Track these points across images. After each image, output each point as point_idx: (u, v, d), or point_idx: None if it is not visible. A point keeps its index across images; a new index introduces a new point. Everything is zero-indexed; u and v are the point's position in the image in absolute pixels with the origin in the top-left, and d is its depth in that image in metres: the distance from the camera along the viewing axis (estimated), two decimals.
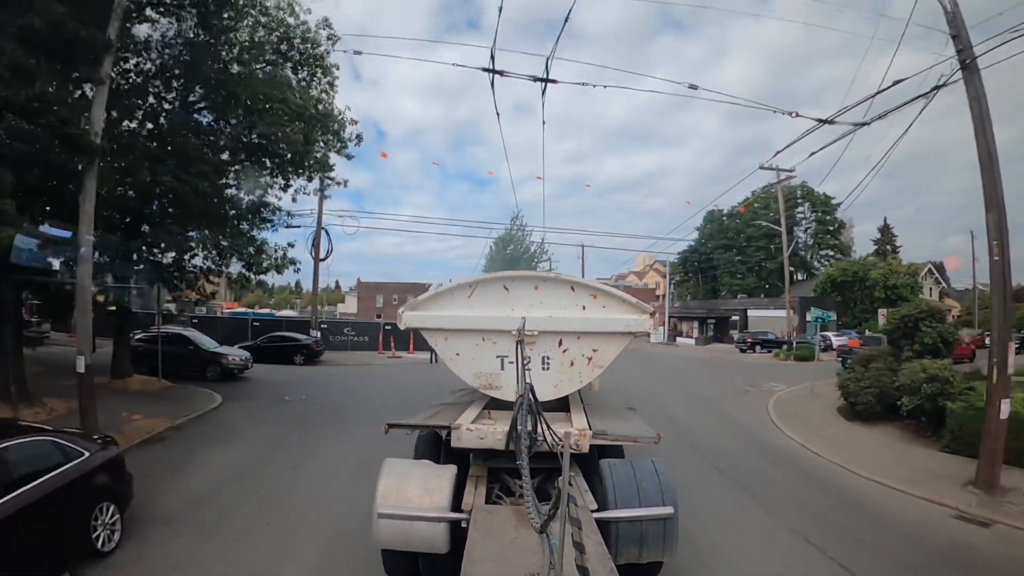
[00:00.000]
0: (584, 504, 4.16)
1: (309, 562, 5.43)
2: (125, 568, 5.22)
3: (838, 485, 8.42)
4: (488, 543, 3.56)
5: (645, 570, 4.51)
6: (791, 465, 9.43)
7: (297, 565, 5.39)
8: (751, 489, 7.99)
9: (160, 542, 5.79)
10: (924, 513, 7.30)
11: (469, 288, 5.21)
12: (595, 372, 5.19)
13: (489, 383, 5.20)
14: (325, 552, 5.64)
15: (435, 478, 4.28)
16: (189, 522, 6.31)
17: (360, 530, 5.27)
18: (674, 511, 4.24)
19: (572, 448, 4.50)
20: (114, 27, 9.05)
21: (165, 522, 6.25)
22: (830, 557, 5.76)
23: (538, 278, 5.26)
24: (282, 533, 6.10)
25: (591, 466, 4.92)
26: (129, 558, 5.40)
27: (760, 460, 9.66)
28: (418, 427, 5.38)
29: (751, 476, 8.63)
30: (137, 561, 5.36)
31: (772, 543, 6.15)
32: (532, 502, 3.10)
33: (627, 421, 5.76)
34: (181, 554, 5.54)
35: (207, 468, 8.41)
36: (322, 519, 6.43)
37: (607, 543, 3.83)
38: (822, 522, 6.82)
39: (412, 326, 5.25)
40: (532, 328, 4.91)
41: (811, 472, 9.09)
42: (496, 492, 4.87)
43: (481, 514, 4.08)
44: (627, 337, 5.16)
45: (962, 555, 6.02)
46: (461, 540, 3.84)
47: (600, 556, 3.30)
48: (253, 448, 9.72)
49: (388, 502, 4.06)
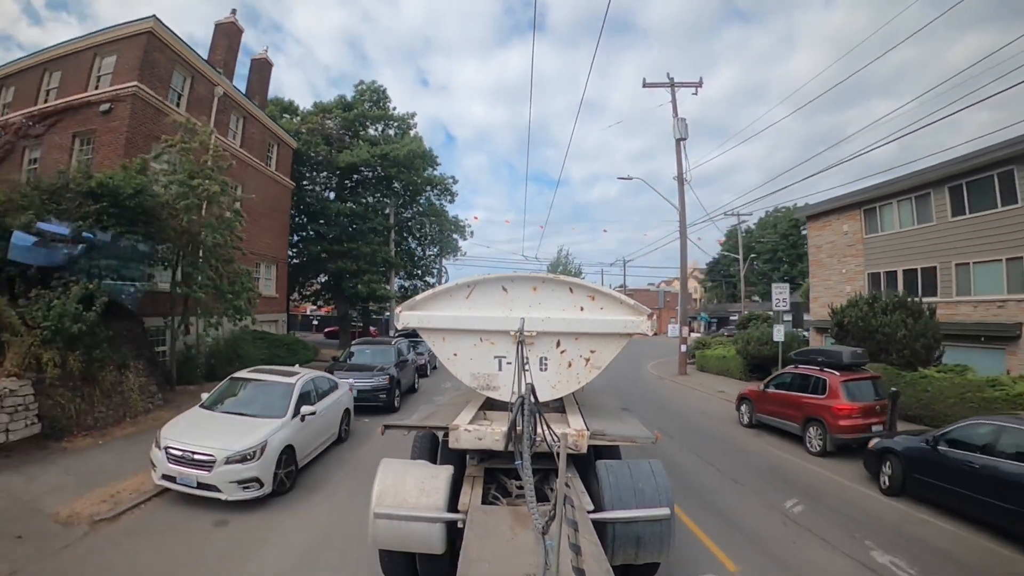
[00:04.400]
0: (581, 505, 4.12)
1: None
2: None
3: (663, 389, 19.64)
4: (485, 544, 3.53)
5: (641, 571, 4.49)
6: (646, 384, 20.44)
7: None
8: (621, 391, 14.75)
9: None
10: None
11: (467, 288, 5.09)
12: (593, 373, 5.08)
13: (486, 383, 5.12)
14: None
15: (431, 478, 4.25)
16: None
17: None
18: (671, 512, 4.21)
19: (571, 449, 4.45)
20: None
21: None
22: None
23: (536, 279, 5.13)
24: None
25: (587, 467, 4.90)
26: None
27: (633, 385, 19.23)
28: (415, 428, 5.33)
29: (628, 386, 18.21)
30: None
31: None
32: (533, 503, 3.09)
33: (623, 422, 5.72)
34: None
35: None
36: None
37: (603, 544, 3.81)
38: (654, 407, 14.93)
39: (410, 326, 5.17)
40: (530, 329, 4.85)
41: (656, 387, 19.85)
42: (492, 493, 4.82)
43: (477, 514, 4.04)
44: (625, 338, 5.07)
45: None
46: (458, 541, 3.81)
47: (596, 557, 3.29)
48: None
49: (385, 502, 4.03)
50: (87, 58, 16.32)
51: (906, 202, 18.50)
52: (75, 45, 16.69)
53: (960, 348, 15.86)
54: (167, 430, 7.06)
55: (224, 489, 6.40)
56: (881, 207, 19.51)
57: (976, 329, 15.55)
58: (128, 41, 15.61)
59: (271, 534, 5.97)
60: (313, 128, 26.38)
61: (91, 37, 16.47)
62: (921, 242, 17.85)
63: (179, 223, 11.13)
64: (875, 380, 10.35)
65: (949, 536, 6.51)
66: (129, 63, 15.25)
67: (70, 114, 15.86)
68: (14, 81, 17.86)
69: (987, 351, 15.28)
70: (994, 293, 15.46)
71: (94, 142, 15.09)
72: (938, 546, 6.21)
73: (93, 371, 9.29)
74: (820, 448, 9.88)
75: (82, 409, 9.04)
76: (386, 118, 29.12)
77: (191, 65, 17.04)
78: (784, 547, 6.04)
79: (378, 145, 26.81)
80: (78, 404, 8.96)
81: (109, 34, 16.07)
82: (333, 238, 26.15)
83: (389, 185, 28.76)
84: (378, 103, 28.89)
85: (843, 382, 9.70)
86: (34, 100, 17.08)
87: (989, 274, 15.74)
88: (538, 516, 2.92)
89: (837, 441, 9.55)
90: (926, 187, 17.62)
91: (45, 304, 8.72)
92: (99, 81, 16.05)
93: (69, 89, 16.34)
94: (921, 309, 13.16)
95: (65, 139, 15.73)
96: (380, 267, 27.84)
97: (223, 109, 18.36)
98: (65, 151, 15.61)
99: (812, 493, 7.96)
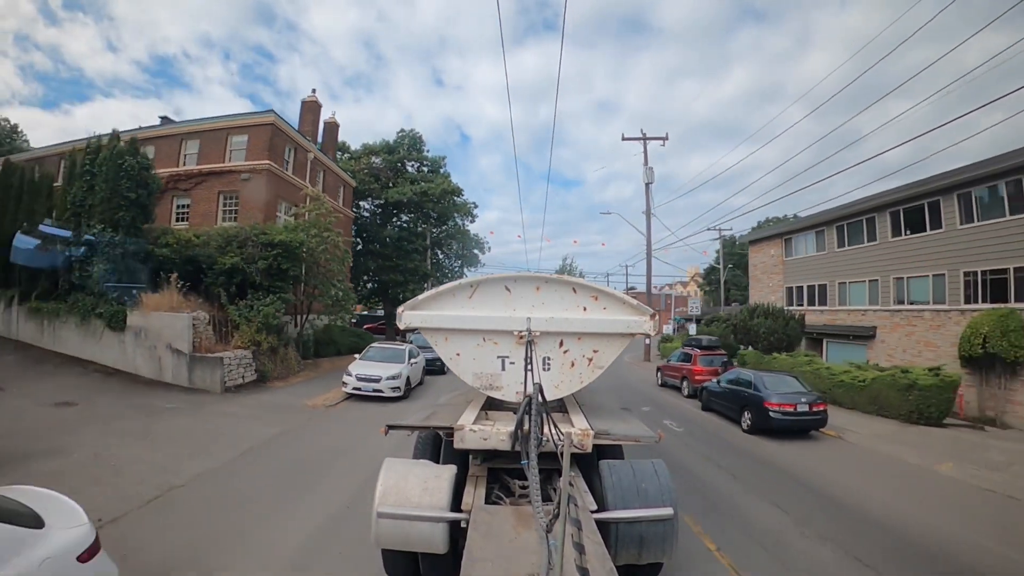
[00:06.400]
0: (584, 505, 4.15)
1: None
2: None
3: (625, 369, 25.46)
4: (488, 543, 3.52)
5: (645, 571, 4.52)
6: (617, 365, 33.27)
7: None
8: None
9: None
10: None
11: (470, 288, 5.11)
12: (595, 373, 5.12)
13: (490, 383, 5.13)
14: None
15: (434, 478, 4.26)
16: None
17: None
18: (674, 512, 4.24)
19: (577, 448, 4.55)
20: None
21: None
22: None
23: (539, 279, 5.15)
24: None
25: (590, 467, 4.93)
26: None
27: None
28: (419, 428, 5.34)
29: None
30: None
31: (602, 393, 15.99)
32: (538, 502, 3.03)
33: (626, 422, 5.71)
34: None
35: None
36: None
37: (607, 544, 3.81)
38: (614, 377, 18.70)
39: (412, 325, 5.17)
40: (534, 329, 4.89)
41: (622, 368, 25.04)
42: (496, 492, 4.82)
43: (481, 514, 4.03)
44: (627, 338, 5.15)
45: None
46: (461, 540, 3.86)
47: (600, 557, 3.30)
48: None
49: (388, 501, 4.04)
50: (221, 136, 23.69)
51: (811, 235, 24.89)
52: (209, 124, 24.11)
53: (839, 343, 22.31)
54: (353, 367, 14.80)
55: (385, 391, 14.10)
56: (795, 238, 25.92)
57: (848, 330, 21.87)
58: (255, 128, 22.96)
59: (406, 408, 12.85)
60: (364, 168, 33.85)
61: (222, 120, 23.88)
62: (817, 266, 24.24)
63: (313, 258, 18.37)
64: (719, 355, 17.17)
65: (705, 417, 13.71)
66: (259, 144, 22.59)
67: (214, 177, 23.25)
68: (155, 143, 25.14)
69: (855, 346, 21.62)
70: (860, 304, 21.79)
71: (238, 199, 22.44)
72: (695, 420, 13.31)
73: (277, 347, 16.51)
74: (687, 393, 16.99)
75: (273, 367, 16.29)
76: (421, 159, 36.53)
77: (295, 141, 24.41)
78: (649, 423, 12.93)
79: (417, 184, 34.32)
80: (272, 365, 16.21)
81: (237, 121, 23.49)
82: (382, 255, 33.68)
83: (424, 212, 36.16)
84: (415, 146, 36.28)
85: (700, 356, 16.62)
86: (175, 162, 24.54)
87: (858, 291, 22.08)
88: (542, 515, 2.88)
89: (693, 387, 16.54)
90: (822, 225, 24.01)
91: (257, 309, 15.95)
92: (232, 154, 23.43)
93: (209, 157, 23.70)
94: (786, 316, 19.67)
95: (212, 194, 23.12)
96: (418, 277, 35.20)
97: (313, 168, 25.77)
98: (212, 203, 23.02)
99: (673, 411, 14.79)
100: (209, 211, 22.59)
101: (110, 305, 15.88)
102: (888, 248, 20.38)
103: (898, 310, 19.77)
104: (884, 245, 20.59)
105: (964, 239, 17.36)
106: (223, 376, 14.35)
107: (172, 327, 14.83)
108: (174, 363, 14.79)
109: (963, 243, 17.37)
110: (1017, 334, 14.88)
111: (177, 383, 14.56)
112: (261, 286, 16.91)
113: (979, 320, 15.72)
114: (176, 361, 14.76)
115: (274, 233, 17.55)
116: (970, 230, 17.21)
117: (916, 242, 19.14)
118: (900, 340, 19.51)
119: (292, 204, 23.00)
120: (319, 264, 18.72)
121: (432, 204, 35.04)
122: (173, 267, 16.43)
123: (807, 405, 11.34)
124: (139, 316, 15.44)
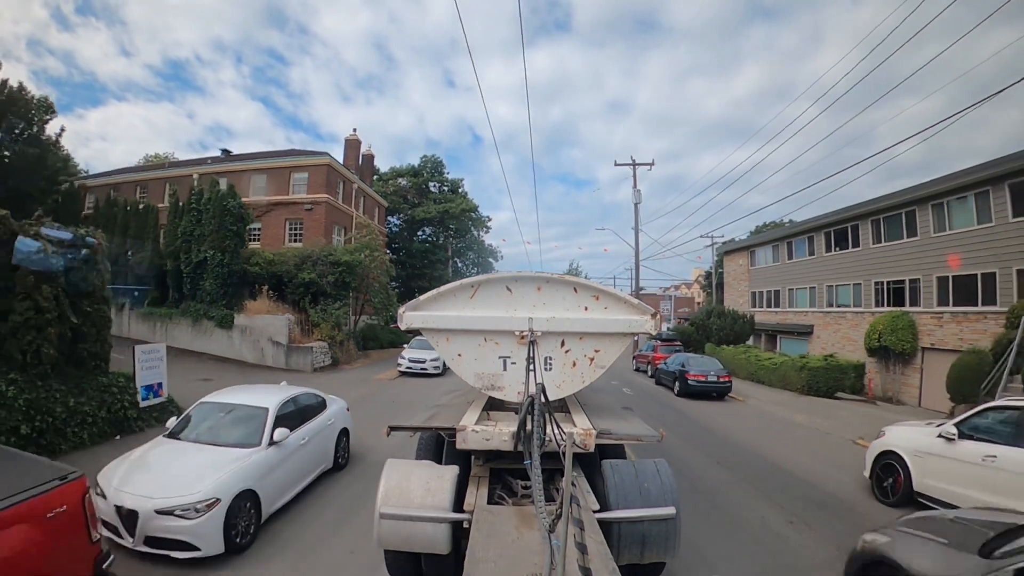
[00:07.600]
0: (587, 505, 4.16)
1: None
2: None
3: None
4: (490, 543, 3.52)
5: (647, 571, 4.54)
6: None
7: None
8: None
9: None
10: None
11: (471, 288, 5.08)
12: (597, 372, 5.12)
13: (491, 384, 5.12)
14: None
15: (437, 479, 4.26)
16: None
17: None
18: (677, 512, 4.24)
19: (579, 448, 4.63)
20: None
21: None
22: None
23: (541, 279, 5.08)
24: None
25: (593, 466, 4.95)
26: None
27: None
28: (420, 429, 5.37)
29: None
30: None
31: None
32: (541, 502, 3.09)
33: (628, 421, 5.71)
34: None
35: None
36: None
37: (609, 544, 3.81)
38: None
39: (414, 326, 5.14)
40: (535, 329, 4.88)
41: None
42: (498, 492, 4.80)
43: (483, 514, 4.02)
44: (628, 338, 5.17)
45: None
46: (463, 541, 3.88)
47: (602, 557, 3.31)
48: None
49: (390, 502, 4.05)
50: (285, 173, 29.43)
51: (769, 249, 29.84)
52: (274, 163, 29.85)
53: (789, 339, 27.29)
54: (404, 353, 20.25)
55: (429, 369, 19.79)
56: (758, 251, 30.87)
57: (794, 328, 26.82)
58: (314, 168, 28.66)
59: (443, 382, 18.15)
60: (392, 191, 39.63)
61: (286, 160, 29.64)
62: (774, 275, 29.20)
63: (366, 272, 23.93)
64: (676, 346, 22.33)
65: (655, 388, 19.11)
66: (318, 181, 28.27)
67: (281, 207, 29.00)
68: (228, 176, 30.83)
69: (800, 340, 26.56)
70: (804, 307, 26.71)
71: (302, 225, 28.13)
72: (647, 389, 18.60)
73: (344, 340, 22.11)
74: (649, 374, 22.15)
75: (341, 355, 21.90)
76: (442, 180, 42.23)
77: (344, 175, 30.12)
78: (615, 400, 18.11)
79: (440, 203, 39.98)
80: (340, 353, 21.82)
81: (298, 161, 29.27)
82: (410, 264, 39.43)
83: (445, 226, 41.85)
84: (437, 169, 42.03)
85: (661, 346, 21.72)
86: (246, 193, 30.28)
87: (802, 296, 27.00)
88: (545, 516, 2.91)
89: (655, 369, 21.66)
90: (777, 241, 28.96)
91: (330, 312, 21.57)
92: (294, 188, 29.14)
93: (275, 190, 29.45)
94: (735, 316, 24.70)
95: (280, 220, 28.89)
96: (441, 284, 41.52)
97: (356, 196, 31.49)
98: (280, 228, 28.77)
99: (634, 385, 19.97)
100: (277, 234, 28.37)
101: (219, 310, 21.62)
102: (823, 262, 25.29)
103: (829, 311, 24.69)
104: (820, 259, 25.50)
105: (876, 256, 22.22)
106: (312, 360, 19.97)
107: (273, 325, 20.51)
108: (273, 352, 20.46)
109: (875, 259, 22.23)
110: (903, 331, 19.78)
111: (276, 366, 20.21)
112: (329, 295, 22.52)
113: (878, 320, 20.64)
114: (275, 350, 20.43)
115: (339, 254, 23.18)
116: (879, 249, 22.07)
117: (842, 257, 24.05)
118: (831, 336, 24.43)
119: (343, 228, 28.75)
120: (370, 277, 24.28)
121: (452, 220, 40.76)
122: (263, 280, 22.20)
123: (716, 377, 16.57)
124: (244, 318, 21.16)
